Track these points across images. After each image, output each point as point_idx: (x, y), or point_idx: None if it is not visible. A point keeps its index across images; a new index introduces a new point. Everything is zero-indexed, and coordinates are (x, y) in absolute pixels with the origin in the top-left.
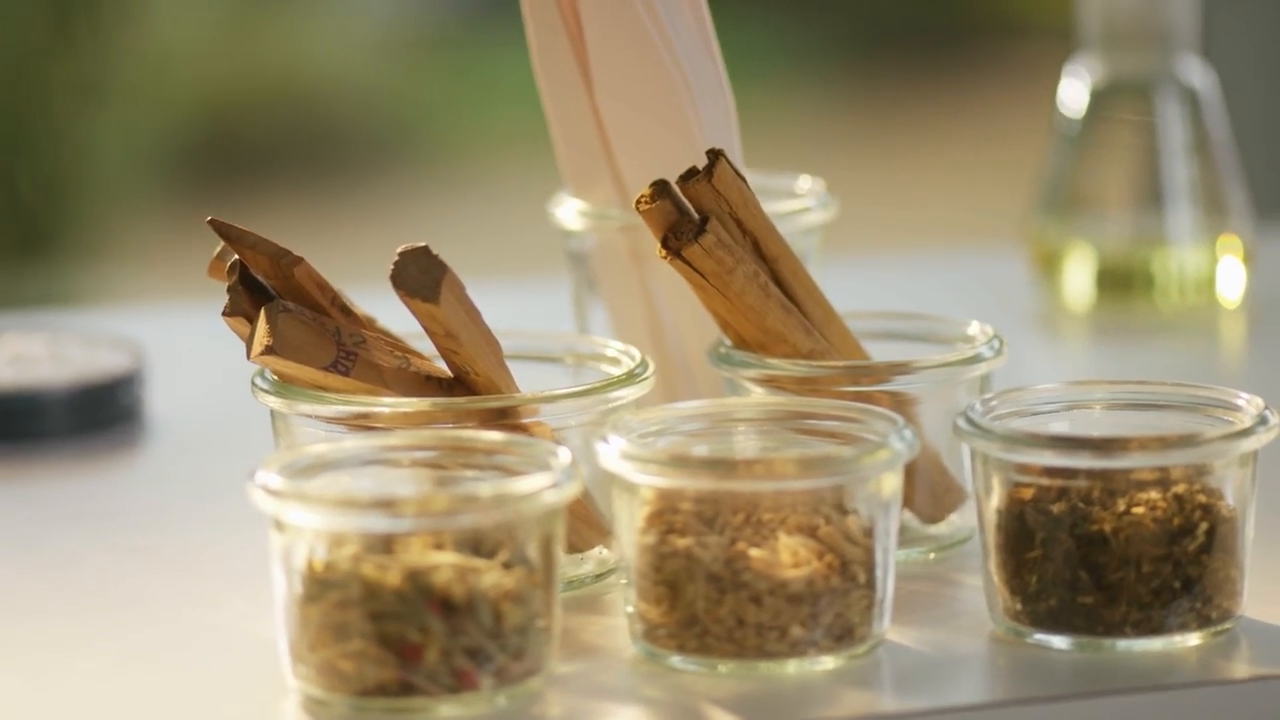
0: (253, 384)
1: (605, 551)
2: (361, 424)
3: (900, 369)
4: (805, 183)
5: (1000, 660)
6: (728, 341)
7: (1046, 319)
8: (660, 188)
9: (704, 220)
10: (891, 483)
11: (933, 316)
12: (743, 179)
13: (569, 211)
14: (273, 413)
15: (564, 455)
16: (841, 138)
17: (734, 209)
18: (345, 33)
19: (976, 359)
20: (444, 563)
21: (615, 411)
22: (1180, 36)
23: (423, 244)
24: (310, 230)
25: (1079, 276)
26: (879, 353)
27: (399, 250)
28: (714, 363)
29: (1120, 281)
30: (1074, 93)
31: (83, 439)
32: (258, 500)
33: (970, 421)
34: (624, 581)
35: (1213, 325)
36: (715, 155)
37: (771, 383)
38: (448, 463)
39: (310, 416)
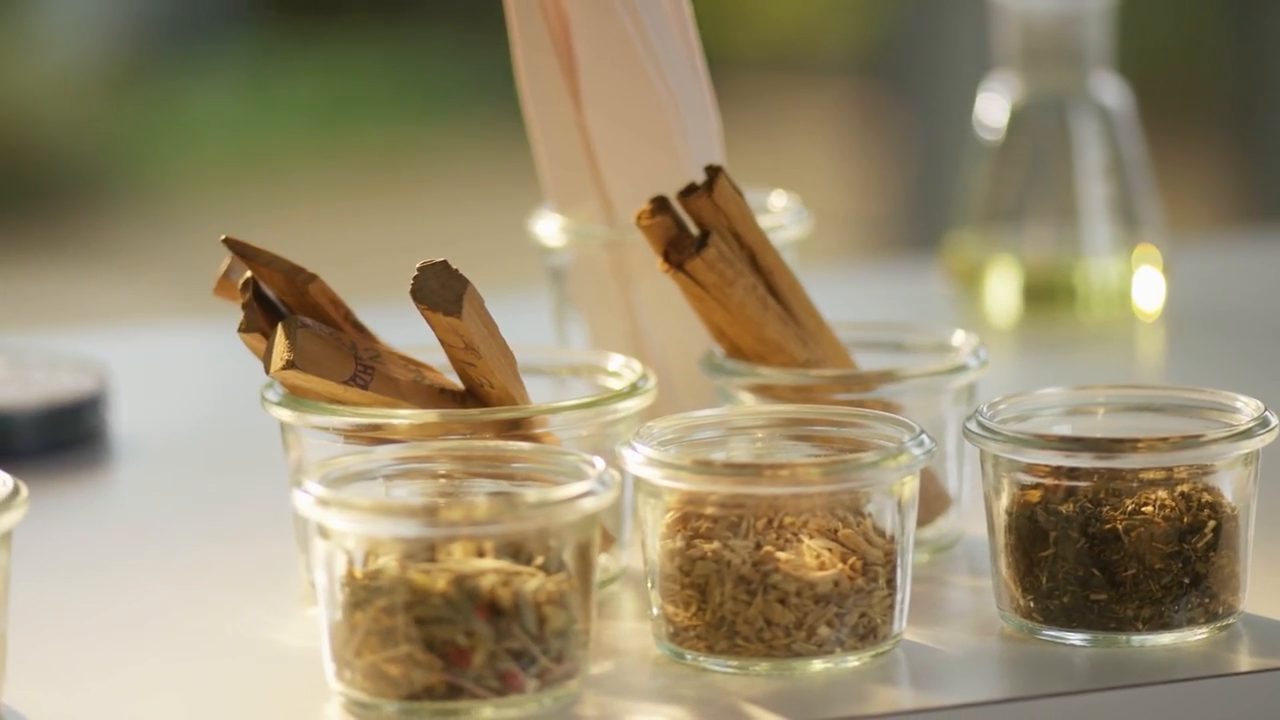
0: (262, 397)
1: (607, 558)
2: (373, 436)
3: (888, 377)
4: (780, 199)
5: (1016, 656)
6: (719, 351)
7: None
8: (660, 203)
9: (705, 234)
10: (911, 486)
11: (917, 327)
12: (740, 194)
13: (550, 228)
14: (282, 425)
15: (599, 463)
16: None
17: (732, 223)
18: (39, 66)
19: (962, 368)
20: (489, 568)
21: (617, 423)
22: (1095, 54)
23: (441, 259)
24: (12, 263)
25: (1002, 290)
26: (866, 362)
27: (418, 265)
28: (707, 372)
29: (1042, 294)
30: (993, 109)
31: (50, 459)
32: (304, 508)
33: (981, 425)
34: (649, 585)
35: (1135, 335)
36: (716, 171)
37: (765, 391)
38: (481, 472)
39: (322, 429)
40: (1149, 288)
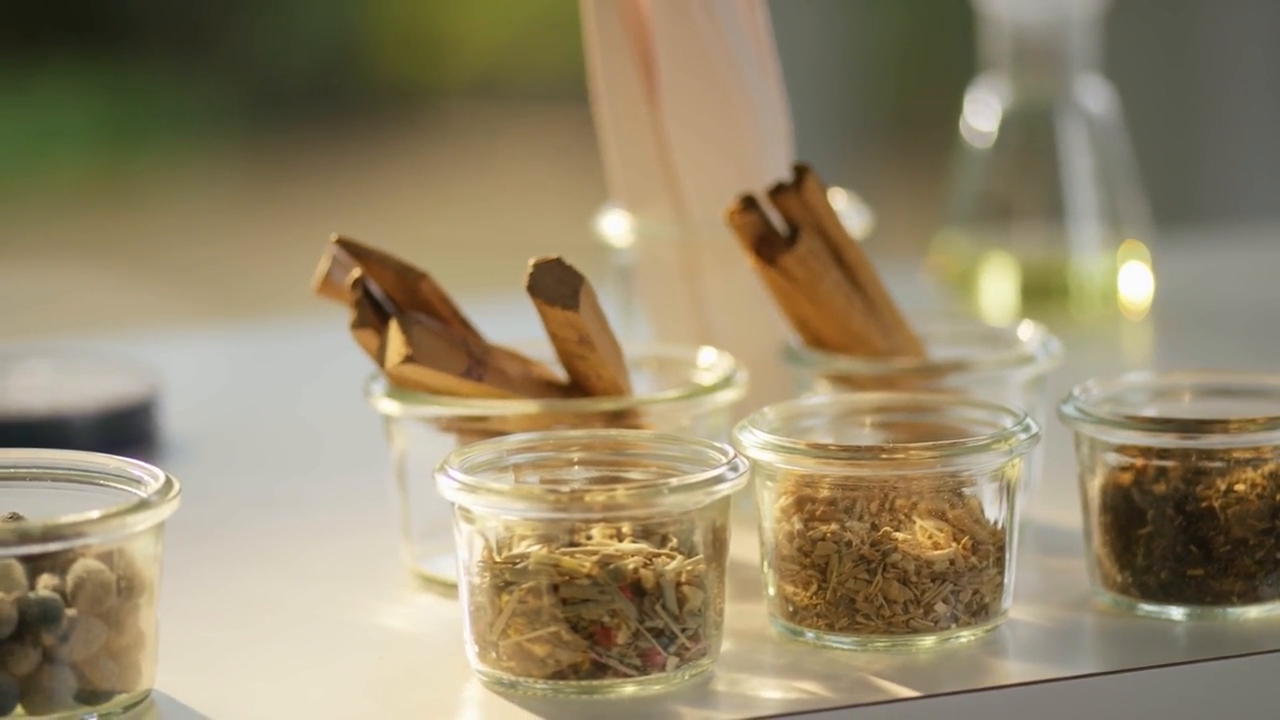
0: (367, 391)
1: None
2: (478, 427)
3: (960, 367)
4: (840, 199)
5: (1116, 630)
6: (796, 341)
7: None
8: (749, 202)
9: (795, 231)
10: (1018, 468)
11: (985, 321)
12: (825, 192)
13: (619, 227)
14: (386, 418)
15: (729, 450)
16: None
17: (819, 219)
18: None
19: (1030, 359)
20: (631, 550)
21: (708, 414)
22: (1082, 59)
23: (556, 255)
24: None
25: (998, 289)
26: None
27: (533, 261)
28: (786, 362)
29: (1035, 292)
30: (983, 112)
31: None
32: (450, 493)
33: (1078, 408)
34: (765, 566)
35: (1127, 331)
36: (804, 169)
37: (842, 380)
38: (608, 459)
39: (427, 420)
40: (1137, 284)
